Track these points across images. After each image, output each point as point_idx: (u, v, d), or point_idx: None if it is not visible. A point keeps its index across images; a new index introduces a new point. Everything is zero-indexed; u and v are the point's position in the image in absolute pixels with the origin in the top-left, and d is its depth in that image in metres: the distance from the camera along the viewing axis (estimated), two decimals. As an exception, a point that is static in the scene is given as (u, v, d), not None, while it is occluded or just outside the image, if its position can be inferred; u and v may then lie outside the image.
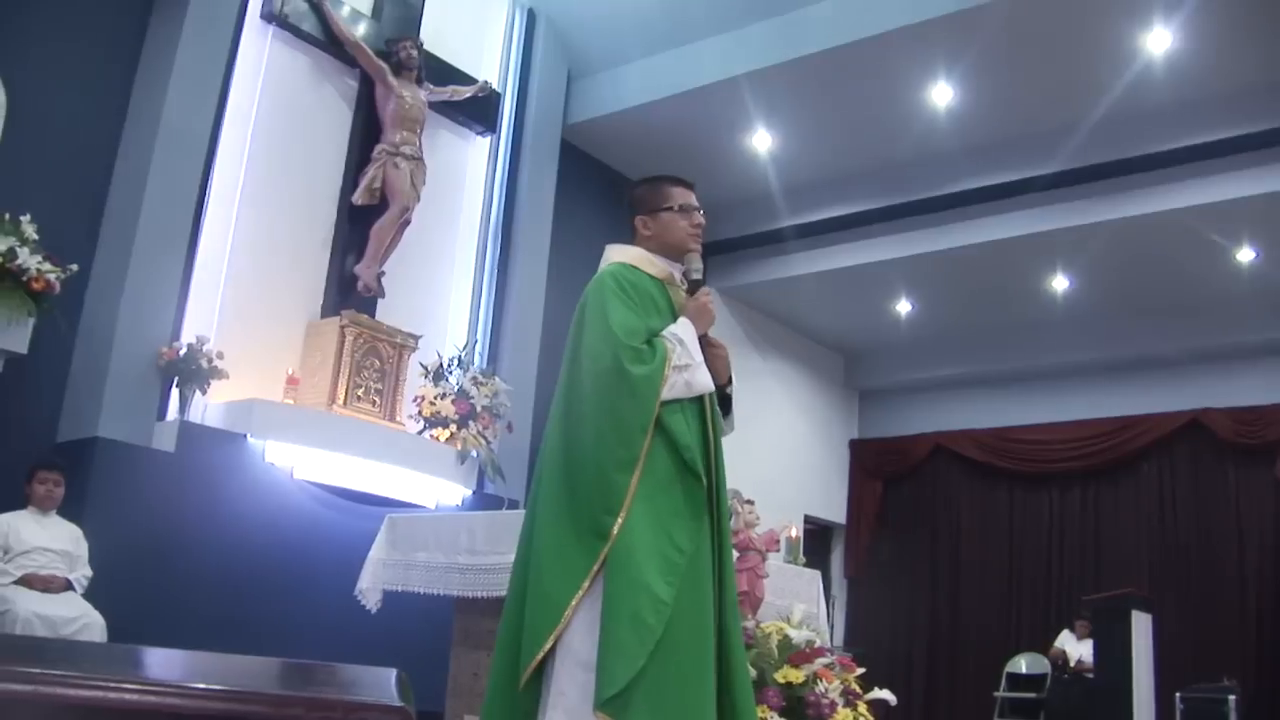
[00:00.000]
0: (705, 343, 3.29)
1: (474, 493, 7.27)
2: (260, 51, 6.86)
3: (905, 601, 11.67)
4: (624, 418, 3.07)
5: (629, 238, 3.46)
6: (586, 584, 2.96)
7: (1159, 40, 7.35)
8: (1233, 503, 10.20)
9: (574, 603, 2.95)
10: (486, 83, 7.98)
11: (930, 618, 11.47)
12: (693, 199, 3.41)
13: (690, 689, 2.94)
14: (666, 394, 3.08)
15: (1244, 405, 10.20)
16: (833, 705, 5.05)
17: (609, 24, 8.46)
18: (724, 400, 3.41)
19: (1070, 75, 7.86)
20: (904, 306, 10.77)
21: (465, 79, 7.84)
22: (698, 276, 3.36)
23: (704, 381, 3.17)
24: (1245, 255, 8.99)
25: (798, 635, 5.36)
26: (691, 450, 3.10)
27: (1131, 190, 8.46)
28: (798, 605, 5.86)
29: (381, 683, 1.28)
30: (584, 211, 8.90)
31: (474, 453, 7.19)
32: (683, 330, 3.20)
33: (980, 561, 11.38)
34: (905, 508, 12.07)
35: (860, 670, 5.42)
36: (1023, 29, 7.43)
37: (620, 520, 2.96)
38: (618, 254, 3.43)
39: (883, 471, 12.31)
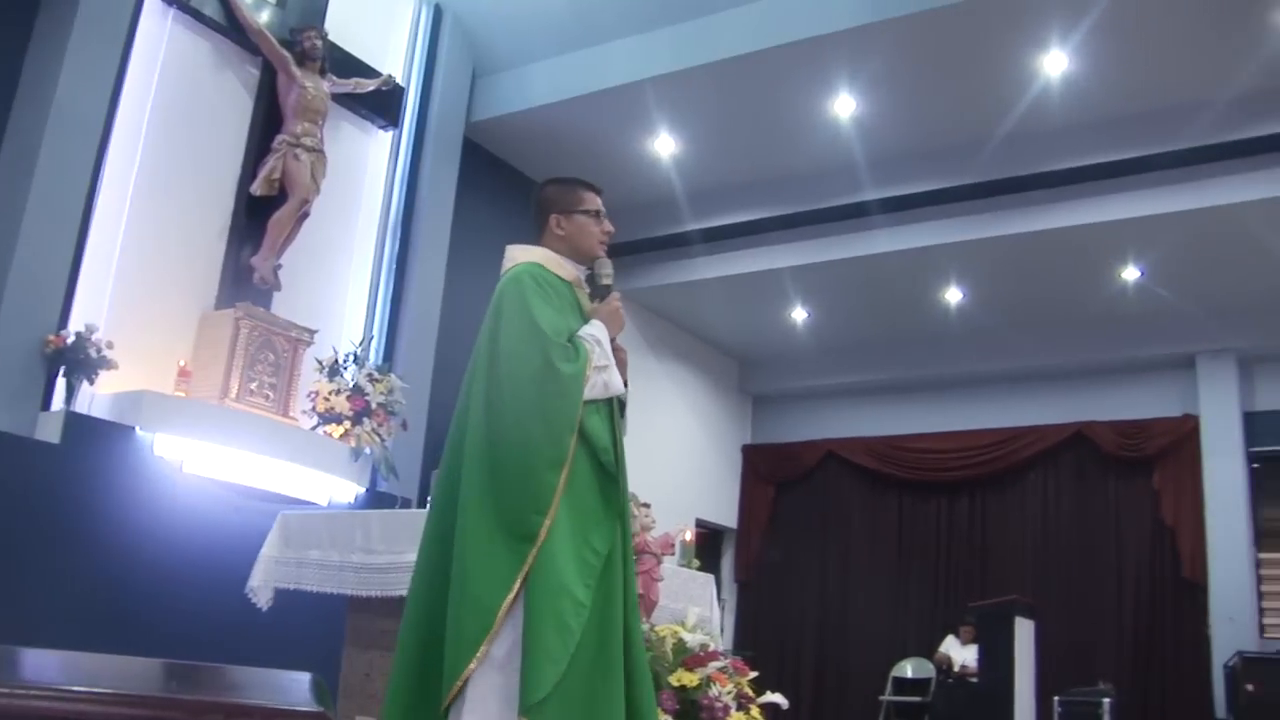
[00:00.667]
0: (613, 346, 3.31)
1: (367, 490, 7.18)
2: (159, 34, 6.67)
3: (795, 606, 11.80)
4: (554, 416, 3.05)
5: (530, 237, 3.43)
6: (516, 587, 2.93)
7: (1055, 63, 7.55)
8: (1113, 513, 10.52)
9: (504, 606, 2.92)
10: (390, 76, 7.89)
11: (819, 622, 11.61)
12: (602, 205, 3.42)
13: (603, 691, 2.95)
14: (588, 394, 3.09)
15: (1126, 419, 10.53)
16: (726, 709, 5.10)
17: (516, 22, 8.42)
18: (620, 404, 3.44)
19: (971, 93, 8.04)
20: (800, 314, 10.89)
21: (369, 72, 7.75)
22: (608, 281, 3.37)
23: (618, 384, 3.20)
24: (1130, 274, 9.28)
25: (692, 639, 5.40)
26: (609, 452, 3.12)
27: (1025, 207, 8.67)
28: (693, 609, 5.90)
29: (297, 687, 1.27)
30: (485, 210, 8.85)
31: (367, 450, 7.10)
32: (597, 331, 3.21)
33: (869, 567, 11.55)
34: (796, 513, 12.21)
35: (754, 674, 5.48)
36: (925, 47, 7.59)
37: (548, 521, 2.95)
38: (523, 254, 3.38)
39: (775, 477, 12.43)
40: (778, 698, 5.66)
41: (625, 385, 3.40)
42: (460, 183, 8.49)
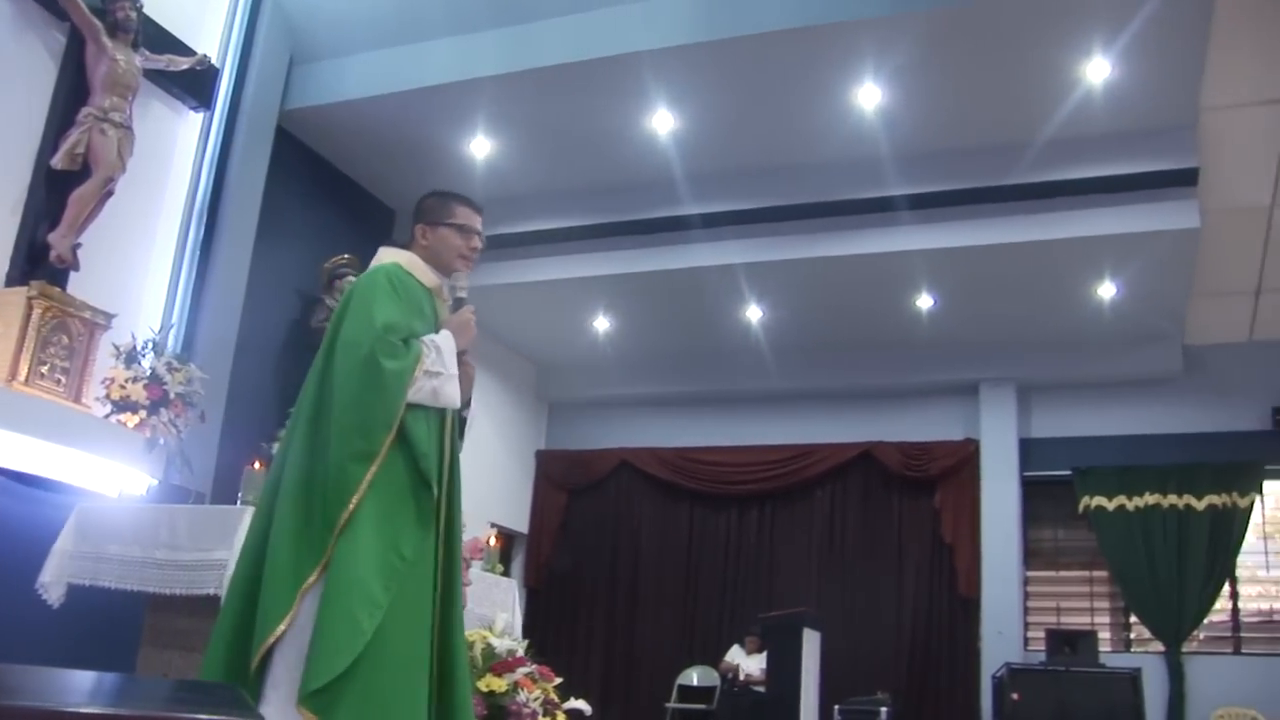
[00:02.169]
0: (460, 360, 3.34)
1: (160, 483, 6.89)
2: (-44, -9, 6.28)
3: (584, 612, 11.87)
4: (369, 410, 3.07)
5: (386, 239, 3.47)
6: (315, 574, 2.98)
7: (869, 96, 7.87)
8: (895, 530, 10.96)
9: (302, 590, 2.96)
10: (205, 56, 7.60)
11: (607, 629, 11.71)
12: (476, 223, 3.51)
13: (399, 698, 2.96)
14: (412, 396, 3.12)
15: (911, 440, 11.00)
16: (534, 714, 5.13)
17: (338, 12, 8.23)
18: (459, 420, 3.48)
19: (786, 119, 8.28)
20: (603, 323, 10.97)
21: (184, 50, 7.43)
22: (462, 295, 3.46)
23: (451, 395, 3.22)
24: (924, 302, 9.72)
25: (500, 644, 5.41)
26: (428, 459, 3.14)
27: (829, 232, 8.98)
28: (500, 614, 5.90)
29: (229, 699, 1.25)
30: (294, 202, 8.65)
31: (162, 441, 6.83)
32: (442, 340, 3.25)
33: (658, 576, 11.71)
34: (588, 520, 12.28)
35: (559, 680, 5.52)
36: (745, 69, 7.77)
37: (348, 513, 2.97)
38: (390, 255, 3.44)
39: (567, 483, 12.48)
40: (581, 704, 5.73)
41: (469, 400, 3.45)
42: (270, 171, 8.22)
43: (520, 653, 5.48)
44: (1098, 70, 7.40)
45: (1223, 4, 6.85)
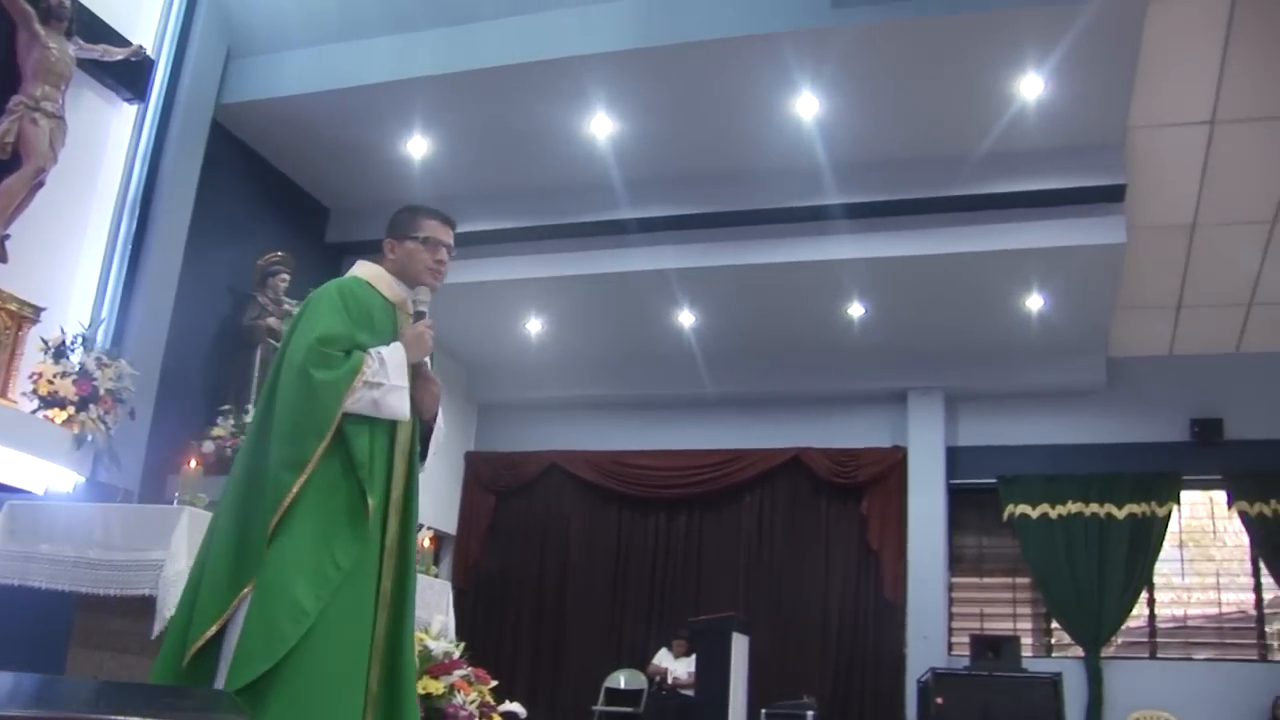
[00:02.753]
0: (422, 375, 3.35)
1: (87, 480, 6.78)
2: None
3: (511, 614, 11.83)
4: (300, 419, 3.10)
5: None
6: (253, 581, 2.98)
7: (807, 105, 7.95)
8: (823, 535, 11.03)
9: (242, 594, 2.98)
10: (141, 48, 7.48)
11: (534, 631, 11.67)
12: (445, 236, 3.54)
13: (330, 706, 2.95)
14: (352, 406, 3.13)
15: (840, 447, 11.09)
16: (470, 717, 5.12)
17: (277, 7, 8.14)
18: (424, 436, 3.49)
19: (724, 126, 8.33)
20: (535, 325, 10.94)
21: (119, 40, 7.32)
22: (422, 309, 3.48)
23: (395, 406, 3.22)
24: (855, 310, 9.84)
25: (436, 646, 5.40)
26: (365, 469, 3.15)
27: (764, 239, 9.05)
28: (436, 616, 5.89)
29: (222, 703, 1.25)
30: (227, 197, 8.55)
31: (90, 437, 6.72)
32: (389, 352, 3.27)
33: (587, 579, 11.69)
34: (517, 522, 12.23)
35: (494, 683, 5.53)
36: (681, 78, 7.84)
37: (277, 519, 2.99)
38: (358, 269, 3.50)
39: (496, 485, 12.42)
40: (516, 707, 5.74)
41: (435, 416, 3.47)
42: (205, 166, 8.11)
43: (457, 655, 5.48)
44: (1031, 87, 7.55)
45: (1152, 27, 7.04)
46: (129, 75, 7.49)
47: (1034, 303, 9.37)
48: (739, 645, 8.79)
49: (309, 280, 8.47)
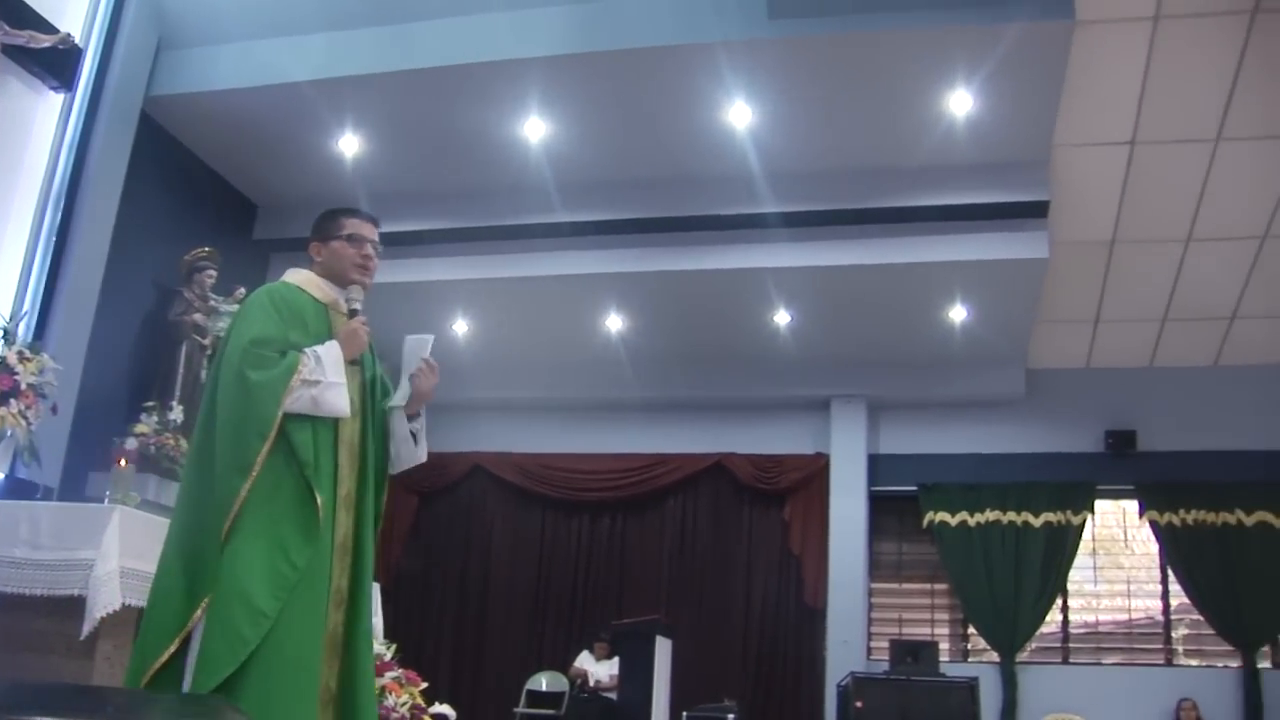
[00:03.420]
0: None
1: (6, 477, 6.63)
2: None
3: (433, 615, 11.76)
4: (241, 423, 3.11)
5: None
6: (212, 592, 2.96)
7: (740, 115, 8.04)
8: (745, 541, 11.12)
9: (202, 607, 2.95)
10: (69, 35, 7.29)
11: (456, 632, 11.62)
12: (368, 231, 3.56)
13: (290, 699, 2.95)
14: (291, 405, 3.14)
15: (763, 453, 11.20)
16: (402, 719, 5.11)
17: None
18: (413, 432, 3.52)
19: (656, 133, 8.41)
20: (461, 326, 10.89)
21: (46, 27, 7.12)
22: (356, 307, 3.52)
23: (334, 403, 3.24)
24: (782, 318, 9.94)
25: (367, 649, 5.37)
26: (310, 468, 3.16)
27: (691, 246, 9.14)
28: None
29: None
30: (155, 192, 8.42)
31: (9, 432, 6.57)
32: (325, 350, 3.29)
33: (509, 581, 11.66)
34: (440, 523, 12.17)
35: (425, 685, 5.52)
36: (620, 83, 7.93)
37: (229, 524, 2.99)
38: (288, 274, 3.54)
39: (419, 486, 12.33)
40: (446, 709, 5.74)
41: (419, 414, 3.49)
42: (133, 159, 7.92)
43: (388, 657, 5.47)
44: (960, 103, 7.71)
45: (1078, 50, 7.24)
46: (56, 63, 7.30)
47: (957, 314, 9.55)
48: (662, 648, 8.85)
49: (236, 277, 8.42)
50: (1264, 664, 9.90)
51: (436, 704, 5.57)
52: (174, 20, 8.20)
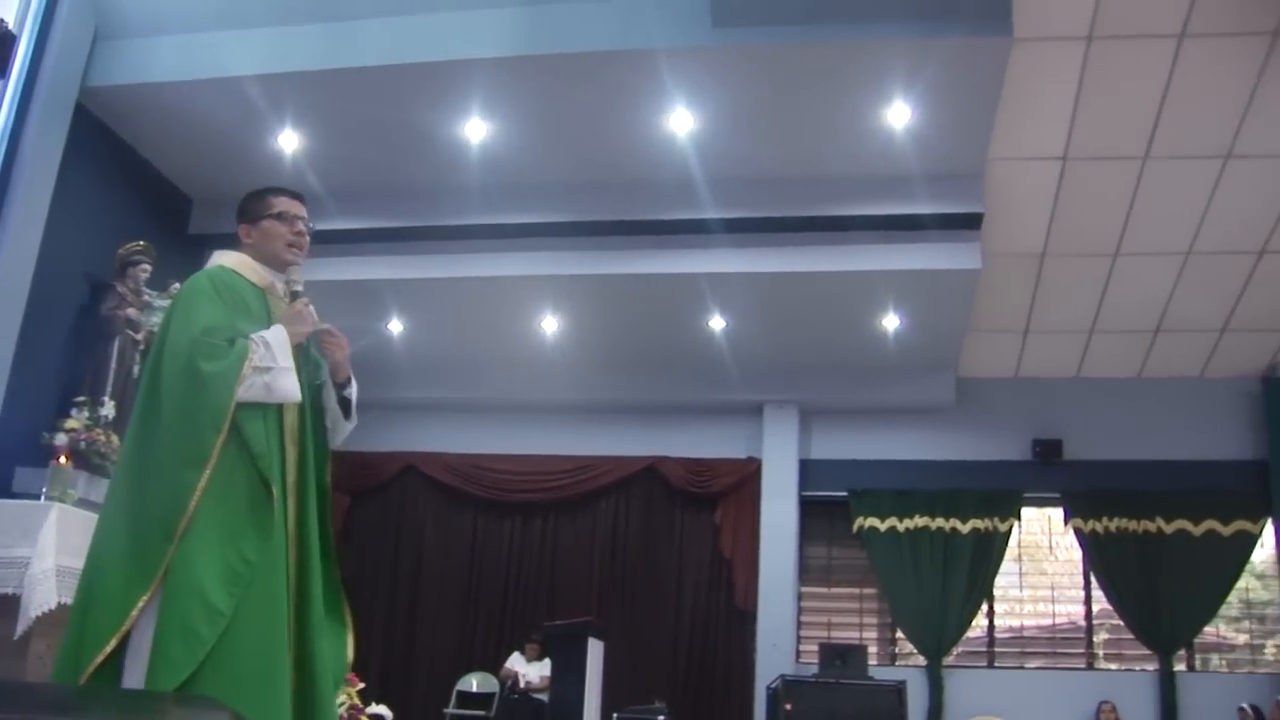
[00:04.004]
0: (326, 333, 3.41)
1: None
2: None
3: (363, 616, 11.61)
4: (194, 414, 3.04)
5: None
6: (155, 586, 2.92)
7: (681, 121, 8.11)
8: (677, 543, 11.18)
9: (141, 604, 2.90)
10: (2, 21, 7.22)
11: (386, 633, 11.54)
12: (297, 209, 3.52)
13: (253, 703, 2.90)
14: (244, 394, 3.10)
15: (695, 457, 11.27)
16: (339, 720, 5.10)
17: (150, -11, 7.96)
18: (344, 401, 3.48)
19: (597, 136, 8.45)
20: (396, 326, 10.83)
21: (-20, 14, 7.07)
22: (297, 289, 3.44)
23: (286, 388, 3.20)
24: (717, 323, 10.02)
25: (304, 649, 5.34)
26: (265, 459, 3.11)
27: (627, 249, 9.17)
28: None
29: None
30: (89, 183, 8.30)
31: (-64, 429, 6.47)
32: (272, 335, 3.23)
33: (440, 581, 11.61)
34: (371, 523, 12.08)
35: (361, 685, 5.50)
36: (563, 86, 7.94)
37: (186, 520, 2.92)
38: (220, 258, 3.44)
39: (351, 486, 12.23)
40: (383, 710, 5.73)
41: (349, 379, 3.47)
42: (67, 150, 7.81)
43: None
44: (898, 115, 7.84)
45: (1014, 67, 7.40)
46: (-10, 51, 7.23)
47: (890, 322, 9.69)
48: (594, 650, 8.88)
49: (170, 271, 8.31)
50: (1180, 667, 10.19)
51: (373, 704, 5.53)
52: (112, 9, 8.08)
